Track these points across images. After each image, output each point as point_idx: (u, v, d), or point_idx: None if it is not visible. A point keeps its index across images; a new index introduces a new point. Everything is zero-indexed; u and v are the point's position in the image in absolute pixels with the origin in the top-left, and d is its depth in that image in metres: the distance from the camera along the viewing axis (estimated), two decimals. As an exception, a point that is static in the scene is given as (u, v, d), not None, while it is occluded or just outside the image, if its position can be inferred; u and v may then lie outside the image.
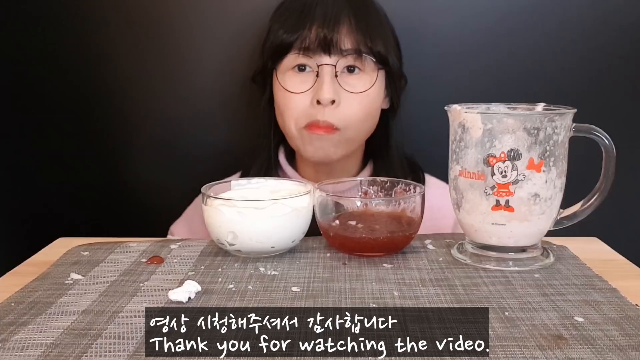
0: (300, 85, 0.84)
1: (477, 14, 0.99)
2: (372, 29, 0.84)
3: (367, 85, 0.84)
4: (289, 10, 0.86)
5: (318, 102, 0.82)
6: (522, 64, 0.99)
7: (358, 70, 0.85)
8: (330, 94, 0.82)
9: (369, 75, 0.85)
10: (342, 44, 0.82)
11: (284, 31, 0.84)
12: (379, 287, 0.54)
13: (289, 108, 0.85)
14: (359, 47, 0.83)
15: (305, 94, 0.84)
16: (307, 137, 0.85)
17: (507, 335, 0.45)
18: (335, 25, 0.82)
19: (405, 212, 0.64)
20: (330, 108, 0.83)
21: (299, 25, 0.83)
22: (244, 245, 0.60)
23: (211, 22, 1.00)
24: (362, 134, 0.88)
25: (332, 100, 0.82)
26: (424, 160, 0.94)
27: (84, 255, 0.63)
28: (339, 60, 0.83)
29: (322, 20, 0.82)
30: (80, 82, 1.02)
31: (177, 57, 1.01)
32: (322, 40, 0.82)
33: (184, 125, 1.04)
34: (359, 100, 0.84)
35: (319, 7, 0.83)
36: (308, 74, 0.84)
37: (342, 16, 0.83)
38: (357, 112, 0.84)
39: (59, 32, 1.01)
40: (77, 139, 1.04)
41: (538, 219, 0.58)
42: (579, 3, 0.98)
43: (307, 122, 0.84)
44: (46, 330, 0.47)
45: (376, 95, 0.86)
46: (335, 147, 0.85)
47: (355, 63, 0.84)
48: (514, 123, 0.56)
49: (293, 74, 0.85)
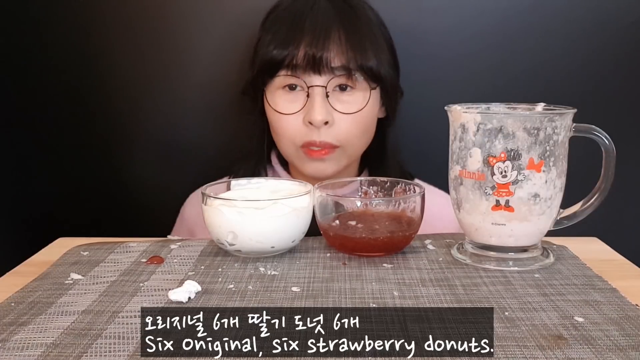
0: (291, 105, 0.83)
1: (477, 15, 0.98)
2: (363, 43, 0.82)
3: (361, 104, 0.83)
4: (279, 21, 0.84)
5: (310, 122, 0.81)
6: (522, 64, 0.99)
7: (350, 88, 0.83)
8: (322, 115, 0.80)
9: (362, 92, 0.83)
10: (332, 62, 0.80)
11: (274, 46, 0.82)
12: (379, 287, 0.54)
13: (282, 128, 0.84)
14: (350, 65, 0.80)
15: (297, 115, 0.83)
16: (306, 158, 0.84)
17: (507, 335, 0.45)
18: (325, 41, 0.80)
19: (405, 212, 0.64)
20: (324, 128, 0.82)
21: (288, 40, 0.81)
22: (244, 245, 0.60)
23: (209, 22, 1.00)
24: (361, 148, 0.88)
25: (324, 122, 0.81)
26: (423, 160, 0.94)
27: (84, 255, 0.63)
28: (329, 80, 0.81)
29: (312, 36, 0.80)
30: (81, 82, 1.02)
31: (176, 57, 1.02)
32: (311, 59, 0.80)
33: (184, 126, 1.04)
34: (352, 118, 0.83)
35: (308, 20, 0.81)
36: (298, 93, 0.83)
37: (332, 30, 0.81)
38: (352, 130, 0.83)
39: (58, 33, 1.01)
40: (77, 139, 1.05)
41: (538, 219, 0.58)
42: (579, 3, 0.98)
43: (303, 141, 0.83)
44: (46, 330, 0.47)
45: (371, 111, 0.85)
46: (336, 165, 0.85)
47: (347, 82, 0.82)
48: (514, 123, 0.56)
49: (283, 93, 0.84)
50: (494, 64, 1.00)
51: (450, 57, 1.00)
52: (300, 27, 0.81)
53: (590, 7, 0.98)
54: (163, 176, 1.05)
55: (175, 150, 1.04)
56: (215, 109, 1.03)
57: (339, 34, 0.81)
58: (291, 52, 0.80)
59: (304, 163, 0.85)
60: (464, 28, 0.99)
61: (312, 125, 0.81)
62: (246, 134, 0.96)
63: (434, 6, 0.99)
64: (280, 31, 0.82)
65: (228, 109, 1.02)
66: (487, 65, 1.00)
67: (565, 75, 1.00)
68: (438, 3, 0.99)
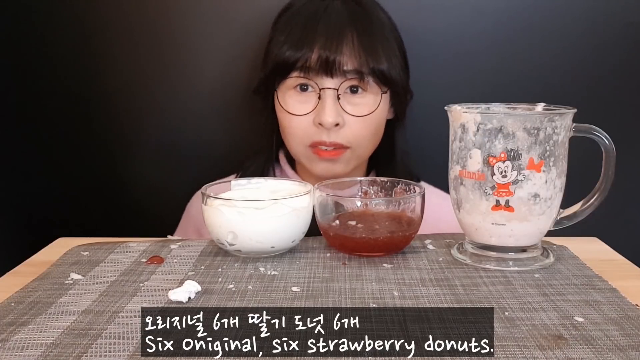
0: (302, 106, 0.83)
1: (477, 15, 0.99)
2: (375, 46, 0.82)
3: (372, 106, 0.83)
4: (293, 22, 0.84)
5: (321, 124, 0.82)
6: (522, 64, 0.99)
7: (361, 91, 0.83)
8: (333, 117, 0.81)
9: (373, 95, 0.84)
10: (344, 65, 0.81)
11: (287, 47, 0.82)
12: (379, 287, 0.54)
13: (292, 128, 0.85)
14: (362, 68, 0.81)
15: (308, 116, 0.83)
16: (316, 158, 0.85)
17: (507, 335, 0.45)
18: (338, 44, 0.80)
19: (405, 212, 0.64)
20: (334, 130, 0.82)
21: (302, 42, 0.81)
22: (244, 245, 0.60)
23: (213, 23, 1.00)
24: (370, 149, 0.88)
25: (335, 124, 0.81)
26: (423, 161, 0.94)
27: (84, 255, 0.63)
28: (341, 82, 0.81)
29: (325, 38, 0.80)
30: (81, 83, 1.02)
31: (177, 57, 1.02)
32: (324, 62, 0.80)
33: (185, 126, 1.04)
34: (362, 120, 0.83)
35: (322, 22, 0.81)
36: (310, 94, 0.83)
37: (345, 33, 0.81)
38: (363, 131, 0.84)
39: (58, 33, 1.01)
40: (78, 140, 1.05)
41: (538, 219, 0.58)
42: (579, 3, 0.98)
43: (311, 141, 0.83)
44: (46, 330, 0.47)
45: (381, 114, 0.85)
46: (345, 165, 0.85)
47: (359, 84, 0.83)
48: (514, 123, 0.56)
49: (294, 93, 0.84)
50: (494, 64, 1.00)
51: (450, 57, 1.00)
52: (314, 29, 0.81)
53: (590, 7, 0.98)
54: (164, 176, 1.05)
55: (175, 150, 1.04)
56: (221, 108, 1.03)
57: (352, 37, 0.81)
58: (304, 54, 0.81)
59: (313, 163, 0.86)
60: (464, 28, 0.99)
61: (322, 127, 0.82)
62: (254, 133, 0.96)
63: (434, 6, 0.99)
64: (294, 32, 0.83)
65: (230, 111, 1.03)
66: (487, 65, 1.00)
67: (565, 75, 1.00)
68: (438, 3, 0.99)
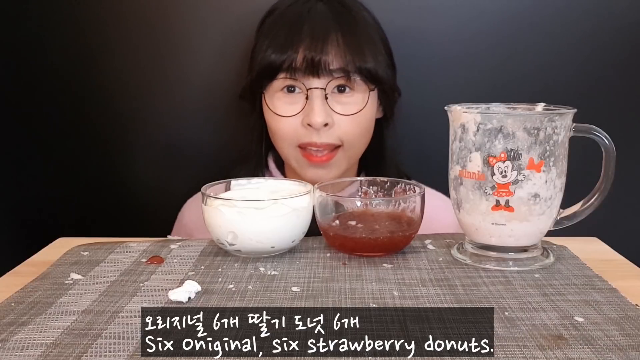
0: (290, 107, 0.83)
1: (477, 15, 0.99)
2: (361, 45, 0.82)
3: (360, 105, 0.83)
4: (277, 25, 0.84)
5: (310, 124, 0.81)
6: (522, 64, 0.99)
7: (349, 89, 0.83)
8: (322, 117, 0.80)
9: (361, 93, 0.83)
10: (330, 65, 0.80)
11: (272, 51, 0.82)
12: (379, 287, 0.54)
13: (281, 130, 0.84)
14: (348, 67, 0.81)
15: (296, 117, 0.83)
16: (306, 163, 0.84)
17: (507, 335, 0.45)
18: (323, 45, 0.80)
19: (405, 212, 0.64)
20: (324, 130, 0.82)
21: (287, 44, 0.81)
22: (244, 245, 0.60)
23: (208, 25, 1.00)
24: (361, 149, 0.88)
25: (324, 124, 0.81)
26: (423, 161, 0.94)
27: (84, 255, 0.63)
28: (328, 82, 0.81)
29: (310, 40, 0.80)
30: (80, 83, 1.02)
31: (175, 58, 1.02)
32: (309, 62, 0.80)
33: (183, 127, 1.04)
34: (352, 119, 0.83)
35: (306, 24, 0.81)
36: (297, 95, 0.83)
37: (330, 34, 0.81)
38: (353, 130, 0.83)
39: (58, 33, 1.01)
40: (77, 140, 1.05)
41: (538, 219, 0.58)
42: (579, 3, 0.98)
43: (301, 142, 0.83)
44: (46, 330, 0.47)
45: (370, 112, 0.85)
46: (337, 170, 0.85)
47: (346, 83, 0.82)
48: (514, 123, 0.56)
49: (282, 95, 0.84)
50: (494, 64, 1.00)
51: (450, 57, 1.00)
52: (299, 31, 0.81)
53: (590, 8, 0.98)
54: (162, 176, 1.05)
55: (174, 150, 1.04)
56: (214, 111, 1.03)
57: (337, 37, 0.81)
58: (290, 56, 0.80)
59: (303, 168, 0.85)
60: (464, 28, 0.99)
61: (312, 127, 0.81)
62: (245, 136, 0.96)
63: (433, 6, 0.99)
64: (279, 36, 0.82)
65: (226, 111, 1.02)
66: (487, 65, 1.00)
67: (565, 75, 1.00)
68: (438, 3, 0.99)
